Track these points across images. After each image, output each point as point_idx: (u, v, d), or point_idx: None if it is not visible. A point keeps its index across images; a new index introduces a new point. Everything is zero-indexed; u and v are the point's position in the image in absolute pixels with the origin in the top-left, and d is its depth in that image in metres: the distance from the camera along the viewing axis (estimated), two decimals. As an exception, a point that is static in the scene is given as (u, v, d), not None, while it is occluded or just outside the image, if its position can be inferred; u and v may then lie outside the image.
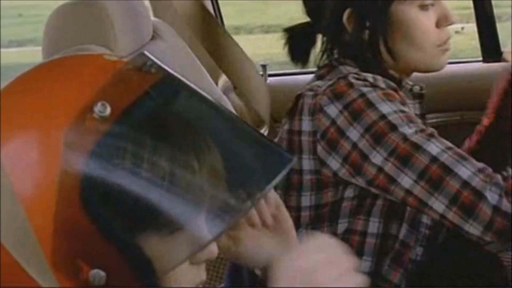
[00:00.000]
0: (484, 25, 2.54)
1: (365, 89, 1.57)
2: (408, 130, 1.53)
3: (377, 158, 1.54)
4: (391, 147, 1.53)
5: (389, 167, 1.53)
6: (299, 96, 1.66)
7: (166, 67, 0.93)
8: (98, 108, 0.86)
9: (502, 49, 2.56)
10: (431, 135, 1.54)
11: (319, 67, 1.72)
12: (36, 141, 0.87)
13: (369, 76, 1.62)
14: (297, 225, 1.65)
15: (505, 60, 2.51)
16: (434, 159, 1.51)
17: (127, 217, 0.86)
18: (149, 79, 0.90)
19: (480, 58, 2.56)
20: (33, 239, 0.85)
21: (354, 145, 1.56)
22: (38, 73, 0.94)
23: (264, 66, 2.61)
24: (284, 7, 7.66)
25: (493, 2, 2.52)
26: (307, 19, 1.76)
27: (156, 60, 0.93)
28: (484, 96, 1.78)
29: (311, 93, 1.63)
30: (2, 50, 6.61)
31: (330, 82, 1.61)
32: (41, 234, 0.85)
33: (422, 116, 1.74)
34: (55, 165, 0.86)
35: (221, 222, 0.89)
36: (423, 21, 1.67)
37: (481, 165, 1.52)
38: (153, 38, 2.10)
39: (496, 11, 2.58)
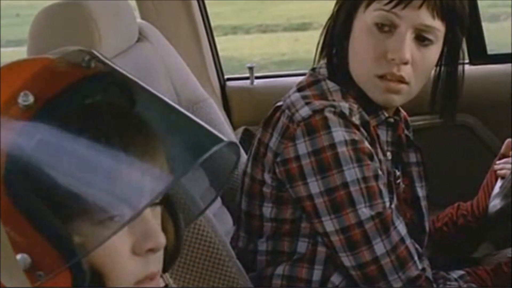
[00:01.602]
0: (470, 28, 2.53)
1: (337, 138, 1.55)
2: (365, 212, 1.55)
3: (328, 225, 1.57)
4: (344, 224, 1.56)
5: (336, 240, 1.57)
6: (278, 108, 1.64)
7: (112, 64, 0.96)
8: (21, 97, 0.90)
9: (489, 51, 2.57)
10: (384, 225, 1.56)
11: (312, 69, 1.69)
12: None
13: (346, 108, 1.58)
14: (260, 234, 1.66)
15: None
16: (375, 259, 1.57)
17: (48, 202, 0.89)
18: (82, 72, 0.93)
19: (467, 61, 2.56)
20: None
21: (311, 197, 1.57)
22: None
23: (251, 68, 2.57)
24: (282, 7, 7.67)
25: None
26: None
27: (101, 57, 0.96)
28: (470, 98, 1.77)
29: (288, 112, 1.60)
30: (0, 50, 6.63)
31: (305, 114, 1.57)
32: None
33: (393, 143, 1.71)
34: None
35: (144, 199, 0.90)
36: (367, 39, 1.61)
37: (415, 274, 1.57)
38: (139, 40, 2.09)
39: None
